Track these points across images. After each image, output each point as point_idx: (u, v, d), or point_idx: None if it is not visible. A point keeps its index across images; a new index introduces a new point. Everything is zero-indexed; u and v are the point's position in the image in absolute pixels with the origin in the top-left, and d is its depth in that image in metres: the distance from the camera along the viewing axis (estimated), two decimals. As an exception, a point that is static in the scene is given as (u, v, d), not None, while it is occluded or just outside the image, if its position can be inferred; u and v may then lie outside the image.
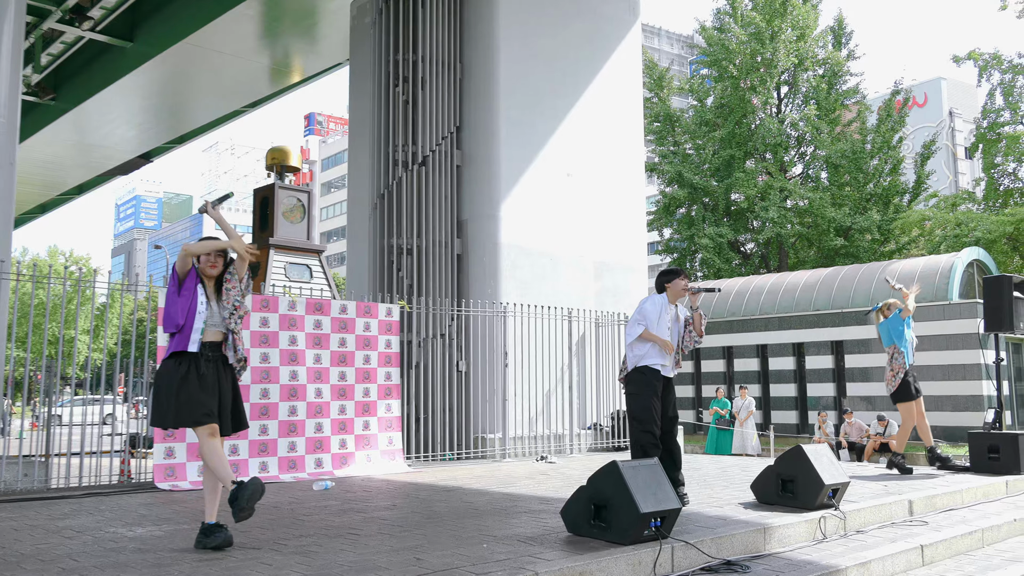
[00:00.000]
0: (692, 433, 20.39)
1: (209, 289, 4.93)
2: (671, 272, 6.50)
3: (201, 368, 4.80)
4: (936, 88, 60.14)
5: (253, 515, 4.71)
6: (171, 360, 4.85)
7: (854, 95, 30.51)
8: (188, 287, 4.87)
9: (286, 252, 15.35)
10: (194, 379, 4.77)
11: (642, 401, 6.20)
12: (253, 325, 8.71)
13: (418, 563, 4.30)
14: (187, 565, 4.34)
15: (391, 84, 12.82)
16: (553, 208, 13.28)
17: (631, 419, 6.30)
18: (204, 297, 4.88)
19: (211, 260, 4.92)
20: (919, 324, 18.09)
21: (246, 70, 18.85)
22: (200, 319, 4.83)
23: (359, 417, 9.52)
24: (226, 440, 8.28)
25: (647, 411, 6.16)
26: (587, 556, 4.42)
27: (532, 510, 6.25)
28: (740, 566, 4.76)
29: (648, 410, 6.16)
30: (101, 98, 19.05)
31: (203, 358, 4.83)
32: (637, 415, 6.21)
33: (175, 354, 4.83)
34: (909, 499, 6.78)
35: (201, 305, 4.85)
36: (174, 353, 4.84)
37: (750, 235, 31.06)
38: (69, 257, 51.81)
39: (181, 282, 4.88)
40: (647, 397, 6.19)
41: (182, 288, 4.87)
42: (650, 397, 6.19)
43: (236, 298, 4.96)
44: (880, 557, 5.18)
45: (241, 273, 5.00)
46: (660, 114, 31.92)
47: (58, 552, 4.77)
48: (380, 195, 12.67)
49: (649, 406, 6.17)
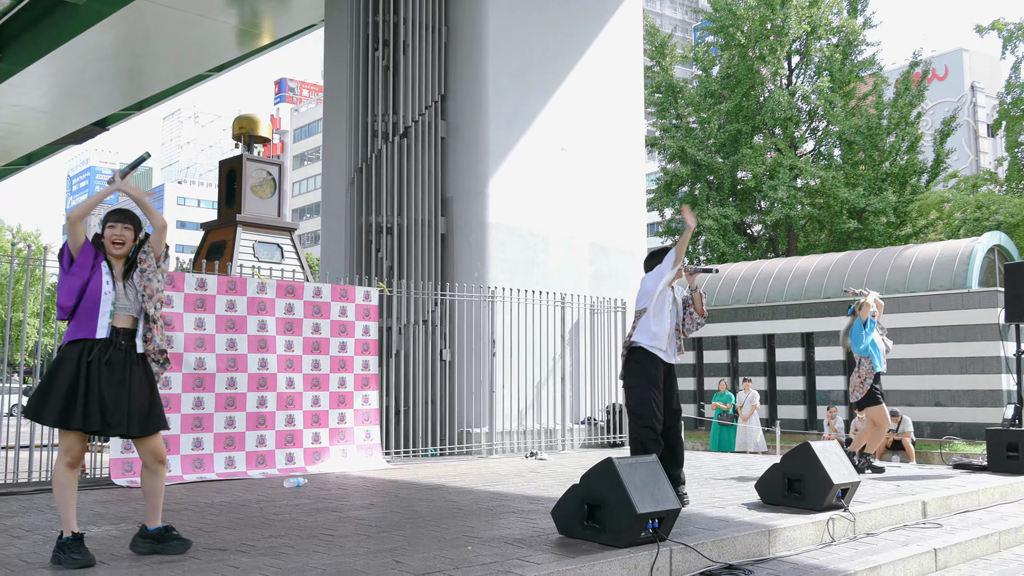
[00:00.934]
0: (693, 429, 20.53)
1: (116, 268, 4.58)
2: (662, 251, 6.45)
3: (112, 357, 4.45)
4: (957, 60, 60.28)
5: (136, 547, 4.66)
6: (73, 347, 4.45)
7: (870, 66, 30.57)
8: (82, 263, 4.49)
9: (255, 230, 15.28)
10: (96, 373, 4.40)
11: (640, 394, 6.17)
12: (219, 309, 8.70)
13: (397, 566, 4.32)
14: (147, 568, 4.34)
15: (370, 48, 12.76)
16: (545, 185, 13.28)
17: (630, 414, 6.30)
18: (109, 277, 4.53)
19: (115, 235, 4.57)
20: (935, 313, 18.42)
21: (211, 31, 18.67)
22: (107, 300, 4.48)
23: (334, 409, 9.53)
24: (191, 433, 8.31)
25: (646, 405, 6.13)
26: (579, 559, 4.46)
27: (521, 510, 6.28)
28: (743, 570, 4.81)
29: (648, 404, 6.13)
30: (51, 59, 18.83)
31: (113, 346, 4.48)
32: (636, 410, 6.19)
33: (77, 340, 4.45)
34: (923, 500, 6.86)
35: (107, 286, 4.50)
36: (74, 340, 4.45)
37: (757, 216, 31.15)
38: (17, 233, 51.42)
39: (73, 259, 4.50)
40: (646, 389, 6.15)
41: (73, 265, 4.48)
42: (649, 389, 6.15)
43: (149, 277, 4.59)
44: (891, 561, 5.24)
45: (158, 250, 4.65)
46: (662, 84, 31.90)
47: (6, 552, 4.76)
48: (358, 169, 12.63)
49: (649, 399, 6.14)
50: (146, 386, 4.60)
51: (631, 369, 6.27)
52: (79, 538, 4.42)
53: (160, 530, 4.68)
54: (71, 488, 4.50)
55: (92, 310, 4.46)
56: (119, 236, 4.58)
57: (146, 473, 4.71)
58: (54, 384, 4.40)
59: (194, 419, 8.42)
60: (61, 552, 4.39)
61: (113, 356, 4.47)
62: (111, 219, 4.65)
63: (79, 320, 4.47)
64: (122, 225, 4.62)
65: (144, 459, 4.69)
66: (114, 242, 4.58)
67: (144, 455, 4.66)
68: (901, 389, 18.01)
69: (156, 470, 4.68)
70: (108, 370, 4.44)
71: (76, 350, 4.45)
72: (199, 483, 8.11)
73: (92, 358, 4.42)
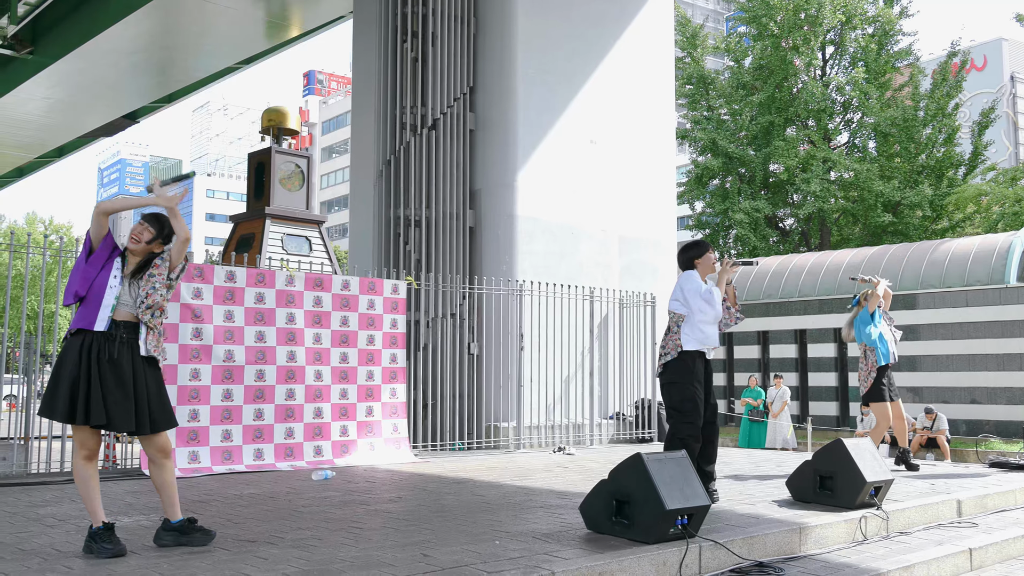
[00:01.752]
0: (723, 425, 20.42)
1: (129, 265, 4.65)
2: (698, 244, 6.37)
3: (114, 352, 4.50)
4: (996, 50, 59.33)
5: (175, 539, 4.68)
6: (75, 338, 4.51)
7: (906, 57, 30.18)
8: (100, 255, 4.59)
9: (283, 223, 15.37)
10: (97, 368, 4.46)
11: (684, 390, 6.05)
12: (248, 302, 8.77)
13: (425, 559, 4.34)
14: (176, 558, 4.40)
15: (398, 39, 12.78)
16: (574, 178, 13.25)
17: (671, 410, 6.12)
18: (119, 271, 4.59)
19: (134, 230, 4.63)
20: (972, 309, 18.18)
21: (240, 23, 18.80)
22: (111, 294, 4.54)
23: (362, 402, 9.58)
24: (220, 425, 8.40)
25: (690, 401, 6.02)
26: (607, 555, 4.46)
27: (548, 505, 6.29)
28: (773, 568, 4.79)
29: (692, 400, 6.02)
30: (83, 52, 19.05)
31: (116, 340, 4.53)
32: (678, 406, 6.05)
33: (80, 331, 4.51)
34: (957, 499, 6.78)
35: (113, 279, 4.56)
36: (79, 330, 4.51)
37: (789, 210, 30.91)
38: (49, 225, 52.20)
39: (92, 249, 4.60)
40: (689, 385, 6.04)
41: (92, 256, 4.59)
42: (692, 385, 6.04)
43: (155, 286, 4.61)
44: (925, 560, 5.19)
45: (175, 261, 4.70)
46: (693, 76, 31.70)
47: (39, 542, 4.84)
48: (386, 161, 12.67)
49: (692, 396, 6.03)
50: (154, 384, 4.65)
51: (673, 366, 6.14)
52: (110, 528, 4.50)
53: (183, 522, 4.73)
54: (93, 480, 4.58)
55: (95, 301, 4.52)
56: (136, 233, 4.66)
57: (154, 468, 4.75)
58: (60, 380, 4.47)
59: (223, 411, 8.51)
60: (93, 542, 4.47)
61: (116, 352, 4.51)
62: (141, 217, 4.76)
63: (84, 309, 4.55)
64: (144, 225, 4.69)
65: (150, 454, 4.72)
66: (131, 237, 4.67)
67: (150, 450, 4.70)
68: (936, 386, 17.82)
69: (163, 464, 4.72)
70: (112, 367, 4.50)
71: (77, 343, 4.51)
72: (228, 475, 8.19)
73: (93, 353, 4.48)
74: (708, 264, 6.33)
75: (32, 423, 8.38)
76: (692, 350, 6.12)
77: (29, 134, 26.12)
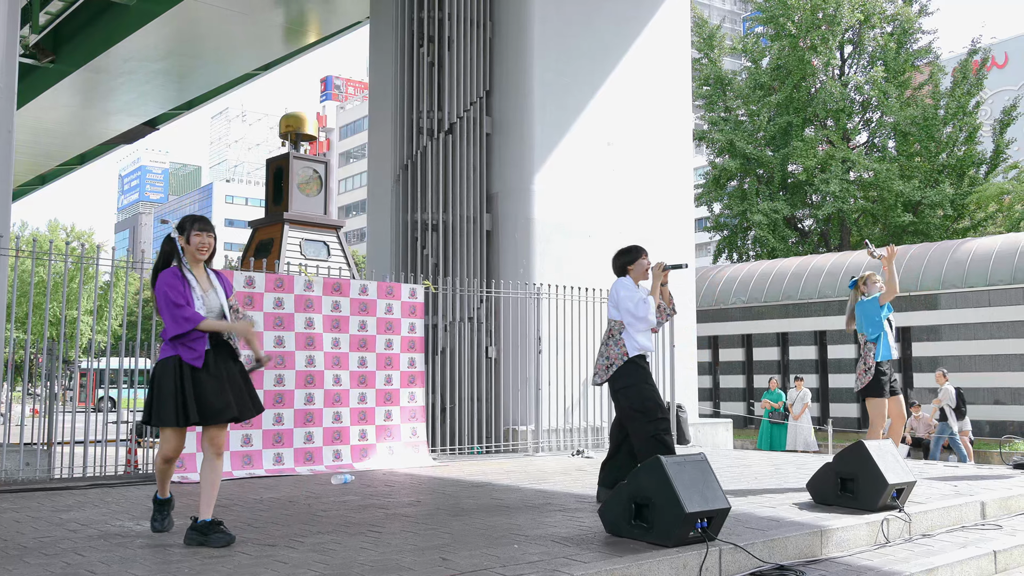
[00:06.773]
0: (743, 427, 20.33)
1: (200, 277, 4.96)
2: (630, 251, 6.47)
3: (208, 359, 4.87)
4: (1018, 47, 58.75)
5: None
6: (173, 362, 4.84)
7: (926, 55, 29.97)
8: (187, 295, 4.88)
9: (301, 228, 15.46)
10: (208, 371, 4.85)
11: (641, 391, 6.11)
12: (267, 307, 8.82)
13: (444, 563, 4.35)
14: (197, 562, 4.43)
15: (415, 44, 12.82)
16: (591, 181, 13.23)
17: (633, 413, 6.08)
18: (199, 292, 4.90)
19: (202, 242, 4.91)
20: (994, 309, 18.02)
21: (257, 29, 18.94)
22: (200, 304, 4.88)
23: (380, 406, 9.61)
24: (240, 430, 8.44)
25: (649, 399, 6.09)
26: (627, 558, 4.45)
27: (567, 508, 6.29)
28: (794, 571, 4.76)
29: (651, 398, 6.10)
30: (103, 60, 19.27)
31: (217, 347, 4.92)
32: (640, 407, 6.07)
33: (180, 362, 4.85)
34: (981, 501, 6.72)
35: (198, 301, 4.86)
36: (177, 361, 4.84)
37: (808, 211, 30.72)
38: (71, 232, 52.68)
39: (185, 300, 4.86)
40: (644, 385, 6.13)
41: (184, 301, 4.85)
42: (647, 383, 6.15)
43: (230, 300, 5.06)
44: (948, 563, 5.15)
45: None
46: (710, 77, 31.60)
47: (62, 546, 4.89)
48: (403, 166, 12.70)
49: (651, 395, 6.11)
50: (241, 372, 5.01)
51: (624, 371, 6.17)
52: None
53: (207, 523, 4.83)
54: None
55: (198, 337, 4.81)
56: (206, 245, 4.93)
57: (206, 466, 4.95)
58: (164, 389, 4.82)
59: (243, 415, 8.54)
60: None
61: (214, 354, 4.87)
62: (198, 226, 4.95)
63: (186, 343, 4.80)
64: (207, 234, 4.95)
65: (206, 449, 4.94)
66: (200, 249, 4.91)
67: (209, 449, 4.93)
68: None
69: (215, 463, 4.95)
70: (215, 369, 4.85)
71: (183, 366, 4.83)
72: (248, 479, 8.24)
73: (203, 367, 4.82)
74: (641, 270, 6.43)
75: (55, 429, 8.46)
76: (637, 355, 6.21)
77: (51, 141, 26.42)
